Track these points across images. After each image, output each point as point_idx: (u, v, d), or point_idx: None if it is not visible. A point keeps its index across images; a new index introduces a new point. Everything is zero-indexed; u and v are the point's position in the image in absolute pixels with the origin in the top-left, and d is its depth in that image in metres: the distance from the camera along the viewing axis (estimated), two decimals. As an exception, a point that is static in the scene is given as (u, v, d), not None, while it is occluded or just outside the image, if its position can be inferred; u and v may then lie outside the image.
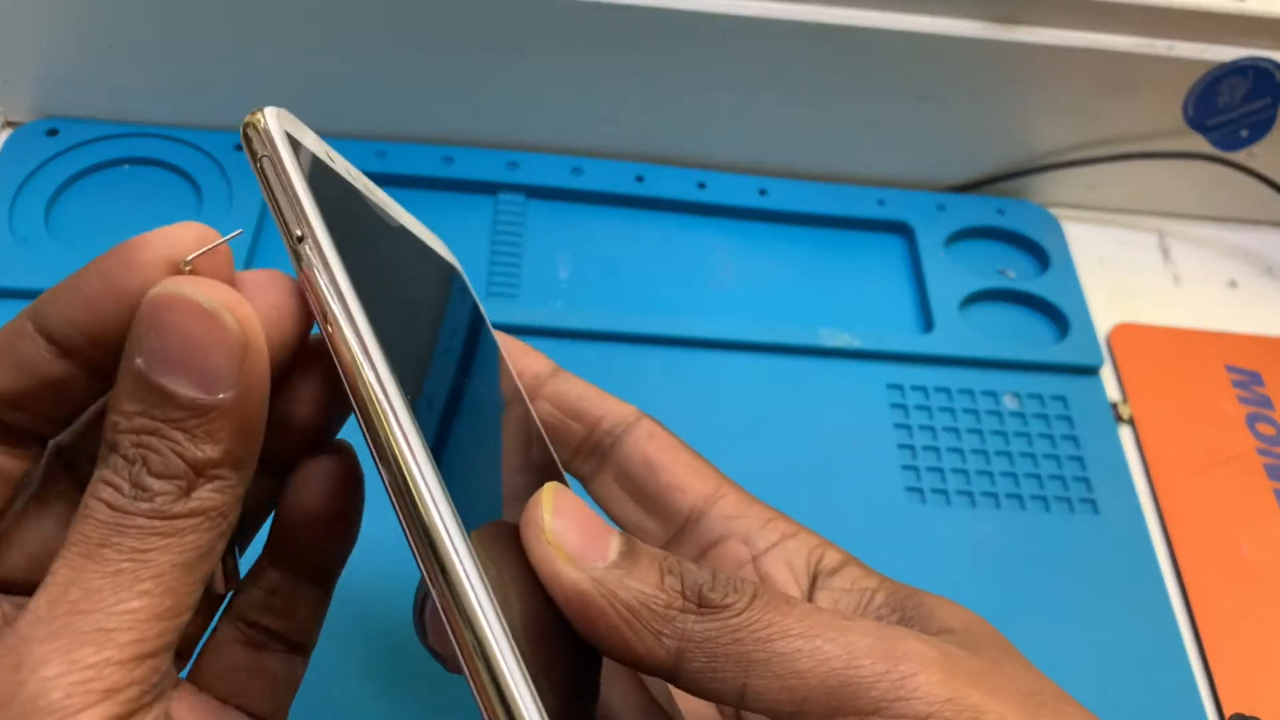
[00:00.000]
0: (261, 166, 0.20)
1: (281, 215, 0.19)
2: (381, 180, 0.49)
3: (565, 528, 0.20)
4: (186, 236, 0.19)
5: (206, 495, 0.18)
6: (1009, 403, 0.47)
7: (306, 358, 0.21)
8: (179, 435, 0.18)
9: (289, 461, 0.21)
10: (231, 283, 0.19)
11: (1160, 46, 0.49)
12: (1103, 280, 0.53)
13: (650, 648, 0.20)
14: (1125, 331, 0.51)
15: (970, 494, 0.43)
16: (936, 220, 0.52)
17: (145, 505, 0.18)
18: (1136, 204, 0.56)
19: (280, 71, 0.49)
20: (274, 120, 0.20)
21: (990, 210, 0.53)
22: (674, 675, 0.20)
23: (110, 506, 0.18)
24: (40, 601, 0.17)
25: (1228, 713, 0.39)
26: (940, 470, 0.44)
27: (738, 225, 0.52)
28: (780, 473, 0.29)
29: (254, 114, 0.20)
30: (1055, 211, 0.54)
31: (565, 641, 0.20)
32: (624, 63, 0.49)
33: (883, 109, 0.51)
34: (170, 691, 0.19)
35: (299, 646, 0.23)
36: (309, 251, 0.19)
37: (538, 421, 0.28)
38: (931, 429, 0.45)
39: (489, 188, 0.50)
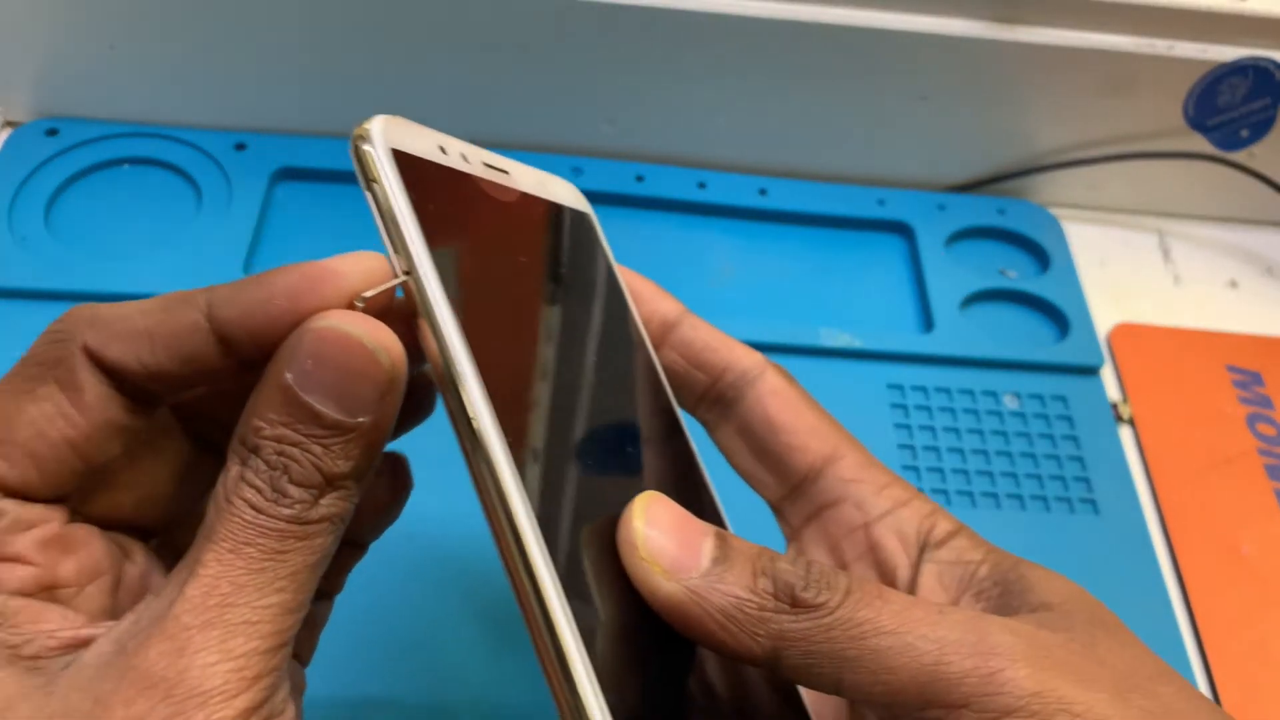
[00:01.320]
0: (372, 193, 0.20)
1: (391, 246, 0.20)
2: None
3: (659, 539, 0.21)
4: (368, 268, 0.21)
5: (333, 503, 0.20)
6: (1009, 403, 0.47)
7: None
8: (318, 449, 0.19)
9: None
10: (388, 309, 0.21)
11: (1161, 46, 0.49)
12: (1103, 280, 0.53)
13: (748, 647, 0.21)
14: (1125, 331, 0.50)
15: (970, 494, 0.43)
16: (937, 220, 0.52)
17: (286, 511, 0.19)
18: (1137, 204, 0.56)
19: (280, 72, 0.49)
20: (380, 141, 0.21)
21: (991, 210, 0.53)
22: (773, 670, 0.21)
23: (253, 508, 0.19)
24: (194, 590, 0.19)
25: (1228, 711, 0.39)
26: (941, 470, 0.44)
27: (738, 225, 0.52)
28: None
29: (361, 128, 0.21)
30: (1056, 211, 0.54)
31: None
32: (624, 63, 0.49)
33: (883, 109, 0.51)
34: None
35: (329, 594, 0.25)
36: (414, 289, 0.20)
37: (658, 366, 0.28)
38: (932, 429, 0.45)
39: (489, 187, 0.50)
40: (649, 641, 0.21)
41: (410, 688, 0.35)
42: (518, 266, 0.24)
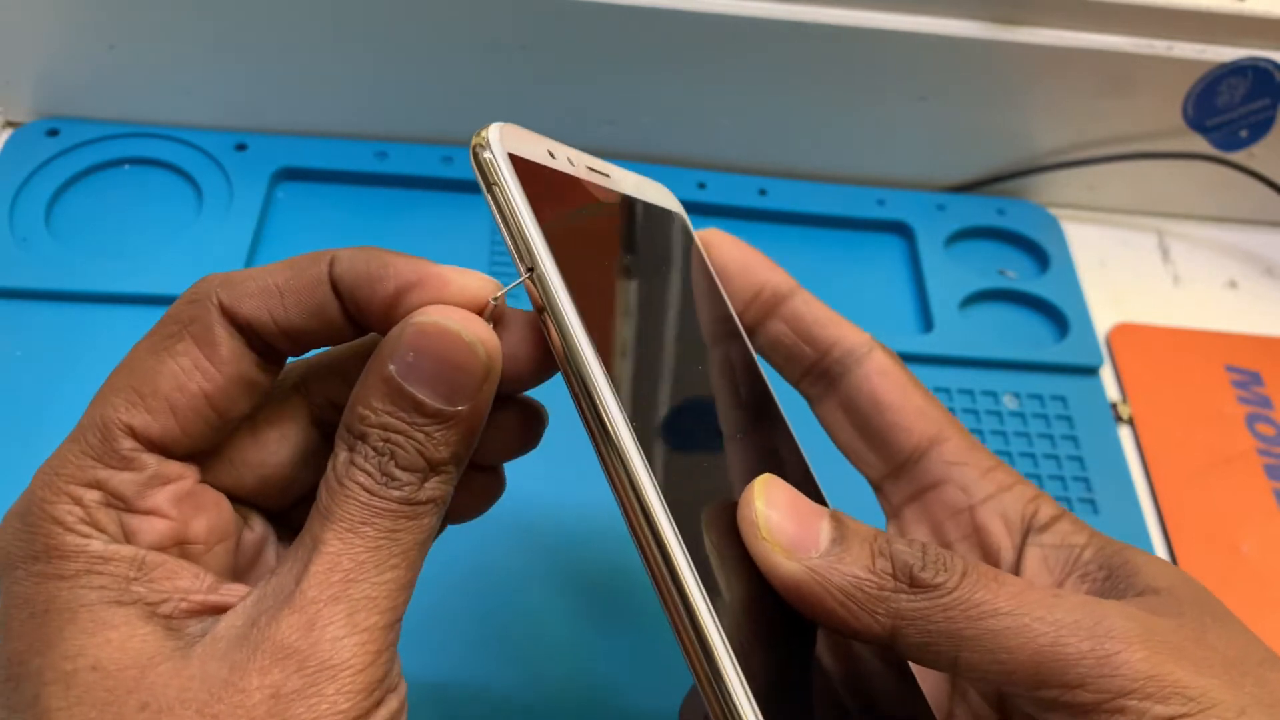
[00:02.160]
0: (493, 196, 0.22)
1: (514, 247, 0.22)
2: (382, 181, 0.50)
3: (778, 520, 0.22)
4: (476, 285, 0.22)
5: (437, 486, 0.21)
6: (1009, 403, 0.47)
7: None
8: (421, 436, 0.21)
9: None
10: (488, 314, 0.22)
11: (1160, 47, 0.49)
12: (1102, 280, 0.53)
13: (867, 625, 0.21)
14: (1125, 331, 0.51)
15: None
16: (936, 220, 0.52)
17: (395, 493, 0.21)
18: (1136, 204, 0.56)
19: (281, 72, 0.49)
20: (499, 147, 0.22)
21: (990, 210, 0.53)
22: (892, 647, 0.21)
23: (367, 491, 0.20)
24: (320, 567, 0.20)
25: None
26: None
27: (738, 225, 0.52)
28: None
29: (480, 135, 0.22)
30: (1055, 212, 0.55)
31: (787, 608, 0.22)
32: (624, 63, 0.49)
33: (883, 109, 0.51)
34: None
35: (462, 517, 0.26)
36: (537, 285, 0.21)
37: (754, 354, 0.28)
38: (932, 427, 0.45)
39: (489, 188, 0.50)
40: (772, 619, 0.22)
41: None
42: (624, 265, 0.25)
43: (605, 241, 0.25)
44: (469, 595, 0.37)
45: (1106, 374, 0.49)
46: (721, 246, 0.29)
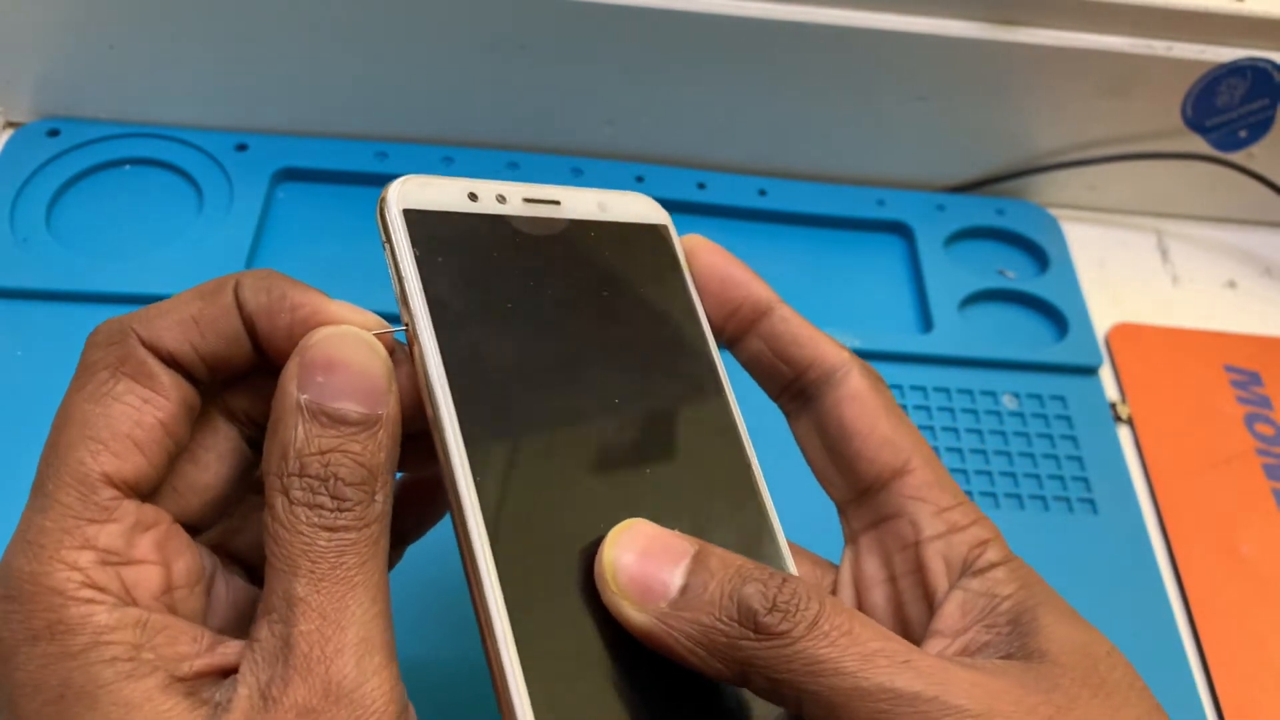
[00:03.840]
0: (386, 251, 0.24)
1: (398, 299, 0.23)
2: (382, 181, 0.50)
3: (628, 570, 0.22)
4: (366, 321, 0.23)
5: (383, 501, 0.21)
6: (1008, 403, 0.47)
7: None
8: (357, 447, 0.21)
9: None
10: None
11: (1159, 47, 0.49)
12: (1102, 280, 0.53)
13: (717, 670, 0.21)
14: (1124, 331, 0.51)
15: (969, 494, 0.43)
16: (936, 220, 0.52)
17: (349, 514, 0.21)
18: (1135, 204, 0.56)
19: (281, 72, 0.49)
20: (395, 202, 0.24)
21: (989, 210, 0.54)
22: (745, 687, 0.22)
23: (323, 527, 0.20)
24: (308, 626, 0.20)
25: (1227, 713, 0.39)
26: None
27: (737, 225, 0.52)
28: (781, 473, 0.30)
29: (383, 192, 0.24)
30: (1054, 212, 0.55)
31: None
32: (624, 63, 0.49)
33: (882, 109, 0.51)
34: None
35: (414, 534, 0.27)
36: (412, 339, 0.23)
37: (719, 369, 0.28)
38: (931, 429, 0.45)
39: (489, 188, 0.50)
40: (640, 657, 0.22)
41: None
42: (541, 297, 0.26)
43: (521, 277, 0.25)
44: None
45: (1106, 374, 0.49)
46: (701, 256, 0.28)
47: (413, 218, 0.24)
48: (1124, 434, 0.47)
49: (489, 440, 0.22)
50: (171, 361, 0.22)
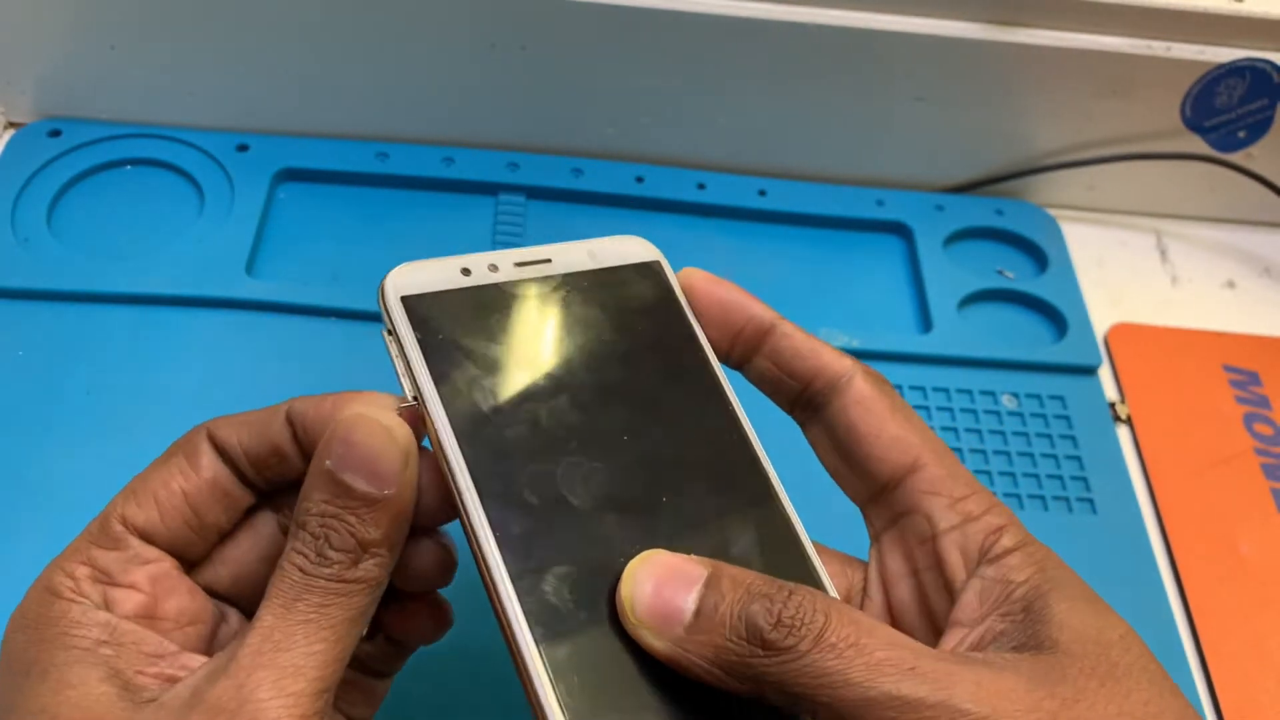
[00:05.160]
0: (389, 340, 0.26)
1: (405, 381, 0.26)
2: (383, 181, 0.50)
3: (645, 601, 0.23)
4: (386, 402, 0.26)
5: (369, 568, 0.24)
6: (1007, 403, 0.47)
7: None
8: (353, 519, 0.24)
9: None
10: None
11: (1158, 48, 0.49)
12: (1101, 280, 0.53)
13: (735, 687, 0.22)
14: (1123, 331, 0.51)
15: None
16: (935, 221, 0.53)
17: (326, 570, 0.23)
18: (1134, 205, 0.57)
19: (282, 73, 0.49)
20: (392, 293, 0.26)
21: (989, 211, 0.54)
22: (765, 701, 0.23)
23: (301, 570, 0.23)
24: (253, 639, 0.23)
25: (1226, 712, 0.39)
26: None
27: (737, 226, 0.52)
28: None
29: (381, 284, 0.26)
30: (1054, 212, 0.55)
31: None
32: (624, 64, 0.49)
33: (882, 110, 0.51)
34: None
35: (387, 674, 0.30)
36: (425, 417, 0.25)
37: (728, 392, 0.29)
38: (930, 429, 0.45)
39: (489, 188, 0.50)
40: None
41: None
42: (543, 353, 0.28)
43: (522, 337, 0.27)
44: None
45: (1105, 374, 0.49)
46: (698, 288, 0.30)
47: (410, 303, 0.26)
48: (1123, 434, 0.47)
49: (506, 495, 0.25)
50: (222, 451, 0.27)
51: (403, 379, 0.26)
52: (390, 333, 0.26)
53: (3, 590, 0.35)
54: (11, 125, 0.50)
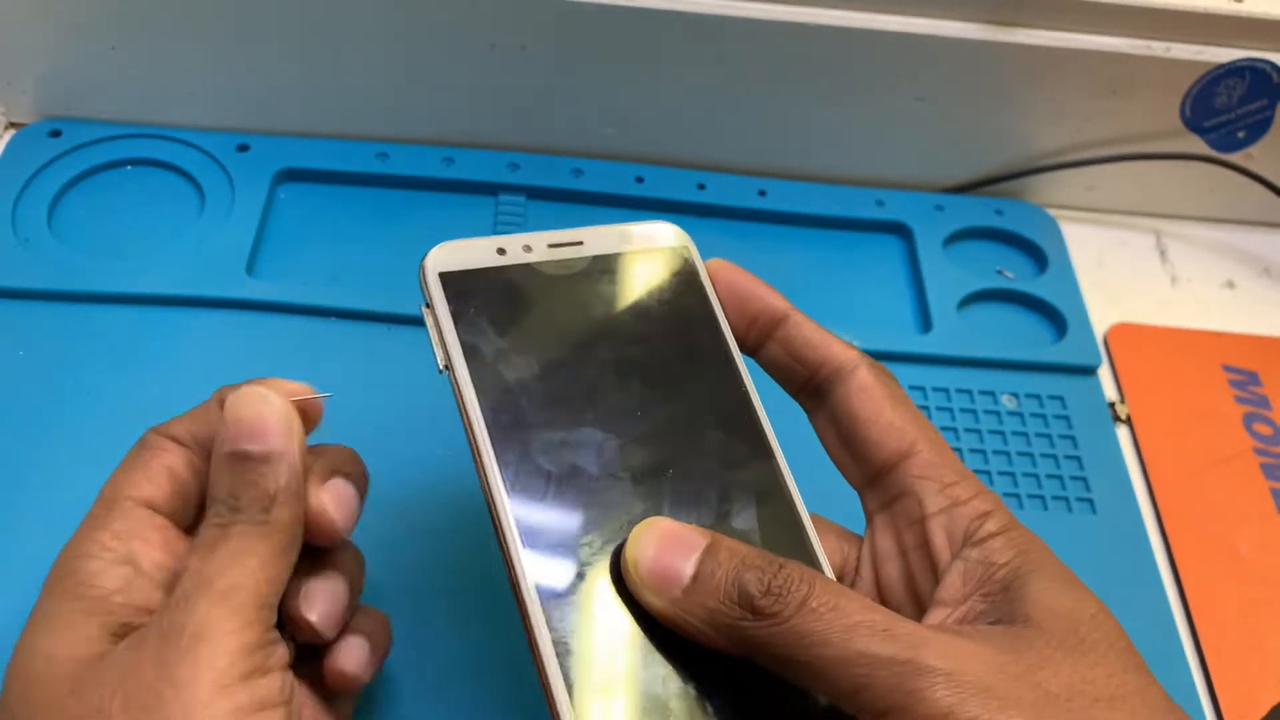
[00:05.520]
0: (426, 312, 0.28)
1: (441, 353, 0.28)
2: (383, 181, 0.50)
3: (648, 561, 0.25)
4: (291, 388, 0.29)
5: (279, 513, 0.27)
6: (1007, 403, 0.47)
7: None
8: (254, 478, 0.27)
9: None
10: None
11: (1157, 48, 0.49)
12: (1100, 280, 0.53)
13: (726, 647, 0.24)
14: (1123, 331, 0.51)
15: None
16: (935, 221, 0.53)
17: (241, 517, 0.26)
18: (1134, 205, 0.57)
19: (282, 73, 0.49)
20: (432, 267, 0.28)
21: (988, 211, 0.54)
22: (755, 661, 0.24)
23: (219, 526, 0.26)
24: (185, 582, 0.25)
25: (1225, 711, 0.39)
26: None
27: (737, 226, 0.52)
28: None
29: (423, 259, 0.28)
30: (1053, 212, 0.55)
31: None
32: (624, 64, 0.49)
33: (881, 110, 0.51)
34: (285, 665, 0.27)
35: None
36: (452, 380, 0.27)
37: (743, 373, 0.31)
38: (927, 419, 0.45)
39: (490, 189, 0.51)
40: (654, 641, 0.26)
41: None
42: (570, 330, 0.29)
43: (551, 315, 0.29)
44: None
45: (1104, 374, 0.49)
46: (720, 275, 0.32)
47: (448, 279, 0.28)
48: (1122, 434, 0.47)
49: (522, 460, 0.27)
50: (178, 444, 0.29)
51: (436, 350, 0.28)
52: (428, 306, 0.28)
53: (3, 590, 0.35)
54: (12, 125, 0.50)
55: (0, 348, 0.42)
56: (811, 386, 0.31)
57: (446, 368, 0.27)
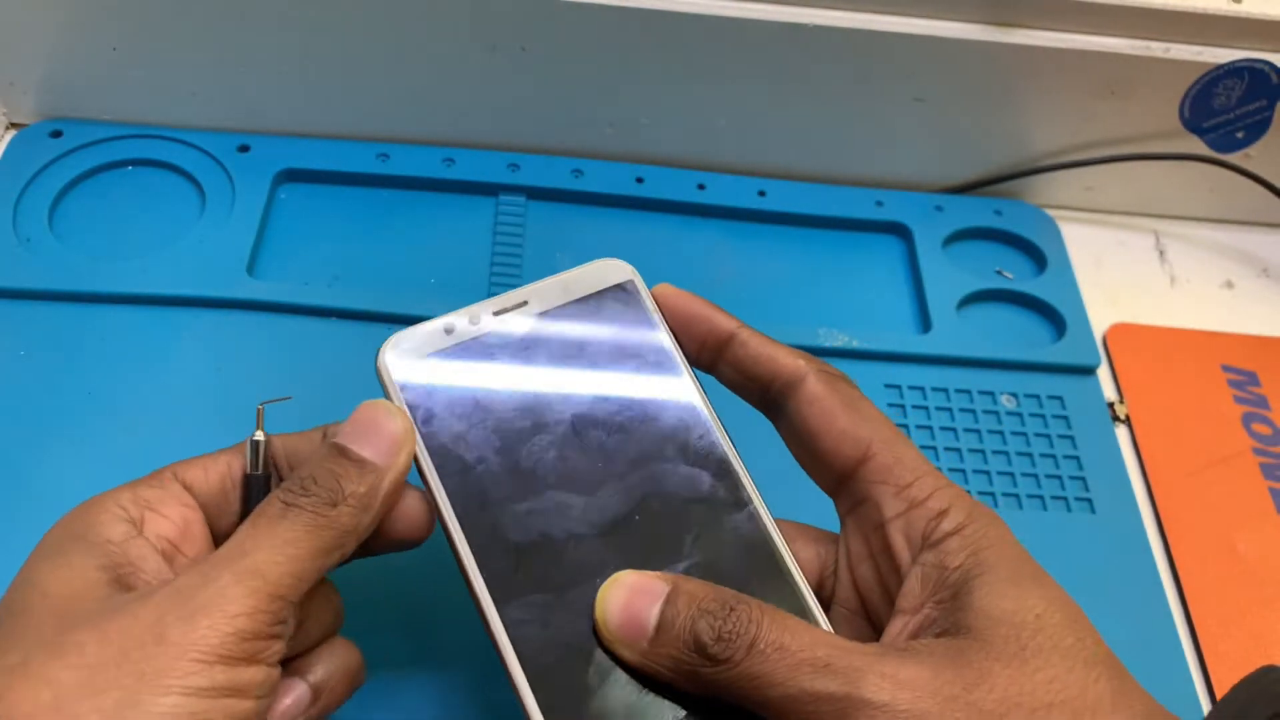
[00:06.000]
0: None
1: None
2: (383, 182, 0.50)
3: (615, 619, 0.26)
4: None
5: (343, 511, 0.27)
6: (1006, 402, 0.47)
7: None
8: (340, 471, 0.27)
9: None
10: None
11: (1156, 49, 0.49)
12: (1099, 281, 0.53)
13: (694, 690, 0.26)
14: (1122, 331, 0.51)
15: (968, 493, 0.43)
16: (934, 221, 0.53)
17: (305, 500, 0.26)
18: (1133, 205, 0.57)
19: (283, 74, 0.49)
20: (384, 360, 0.30)
21: (988, 211, 0.54)
22: (724, 701, 0.25)
23: (283, 502, 0.26)
24: (226, 548, 0.26)
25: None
26: (938, 470, 0.44)
27: (737, 226, 0.52)
28: (779, 473, 0.31)
29: (377, 353, 0.30)
30: (1052, 212, 0.55)
31: None
32: (624, 64, 0.49)
33: (881, 111, 0.51)
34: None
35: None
36: (417, 469, 0.29)
37: (698, 397, 0.31)
38: (929, 429, 0.45)
39: (490, 189, 0.51)
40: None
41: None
42: (525, 391, 0.30)
43: (500, 384, 0.30)
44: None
45: (1103, 374, 0.49)
46: (667, 301, 0.32)
47: (400, 370, 0.30)
48: (1121, 433, 0.47)
49: (491, 536, 0.28)
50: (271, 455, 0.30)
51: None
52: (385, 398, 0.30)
53: (3, 590, 0.35)
54: (13, 126, 0.50)
55: (1, 348, 0.42)
56: (768, 401, 0.31)
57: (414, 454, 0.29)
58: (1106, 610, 0.41)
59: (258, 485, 0.30)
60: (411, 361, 0.30)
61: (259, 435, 0.30)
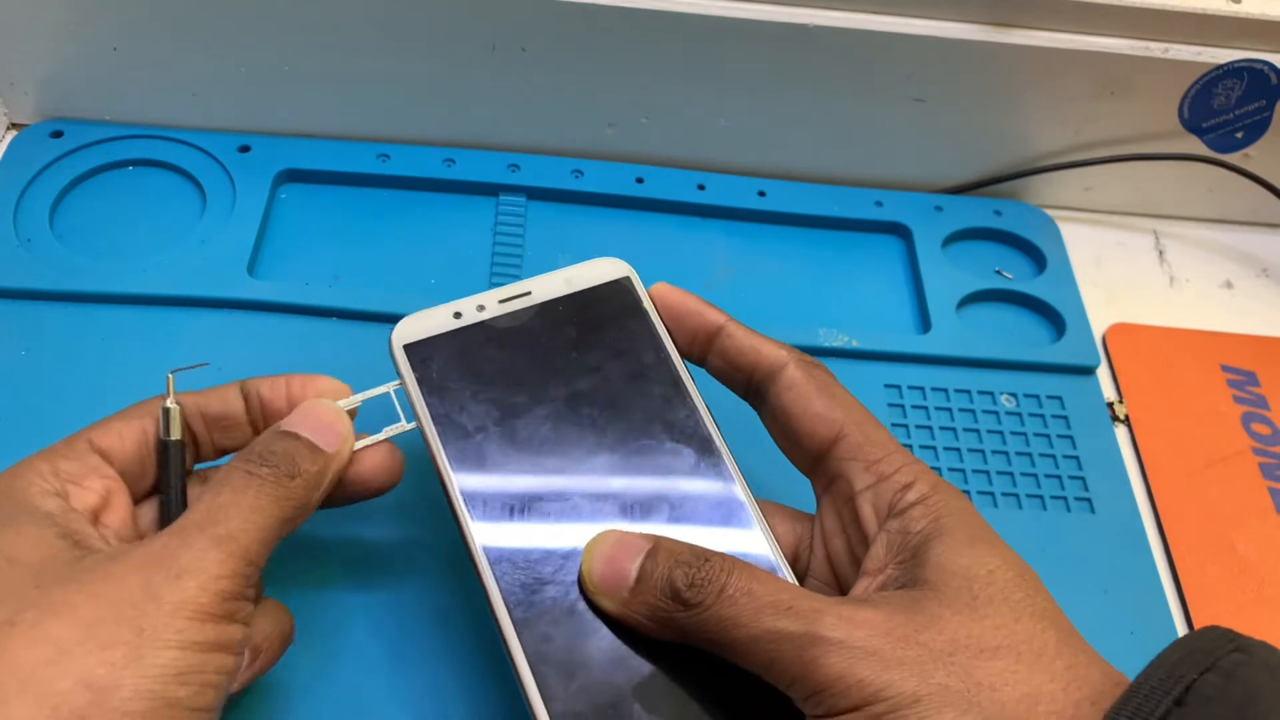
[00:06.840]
0: (398, 388, 0.33)
1: (403, 413, 0.33)
2: (384, 182, 0.50)
3: (599, 570, 0.29)
4: (335, 387, 0.33)
5: (299, 484, 0.29)
6: (1006, 402, 0.47)
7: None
8: (293, 449, 0.29)
9: None
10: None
11: (1156, 49, 0.49)
12: (1099, 281, 0.53)
13: (670, 637, 0.28)
14: (1121, 331, 0.51)
15: (967, 493, 0.44)
16: (934, 221, 0.53)
17: (266, 470, 0.28)
18: (1132, 205, 0.57)
19: (283, 74, 0.49)
20: (396, 340, 0.32)
21: (987, 211, 0.54)
22: (695, 646, 0.28)
23: (245, 472, 0.28)
24: (195, 513, 0.27)
25: None
26: (938, 470, 0.44)
27: (737, 227, 0.52)
28: (779, 473, 0.32)
29: (391, 333, 0.33)
30: (1052, 213, 0.55)
31: None
32: (624, 65, 0.49)
33: (880, 111, 0.51)
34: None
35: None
36: (423, 436, 0.31)
37: (689, 387, 0.34)
38: (929, 429, 0.45)
39: (490, 189, 0.51)
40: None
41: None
42: (525, 374, 0.33)
43: (502, 367, 0.33)
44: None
45: (1103, 374, 0.49)
46: (660, 297, 0.35)
47: (412, 349, 0.32)
48: (1121, 433, 0.47)
49: (490, 502, 0.30)
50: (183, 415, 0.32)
51: (414, 413, 0.32)
52: (399, 375, 0.32)
53: None
54: (14, 126, 0.50)
55: (2, 348, 0.42)
56: (752, 389, 0.34)
57: (416, 426, 0.31)
58: (1106, 610, 0.41)
59: (175, 452, 0.31)
60: (421, 341, 0.32)
61: (169, 403, 0.31)
